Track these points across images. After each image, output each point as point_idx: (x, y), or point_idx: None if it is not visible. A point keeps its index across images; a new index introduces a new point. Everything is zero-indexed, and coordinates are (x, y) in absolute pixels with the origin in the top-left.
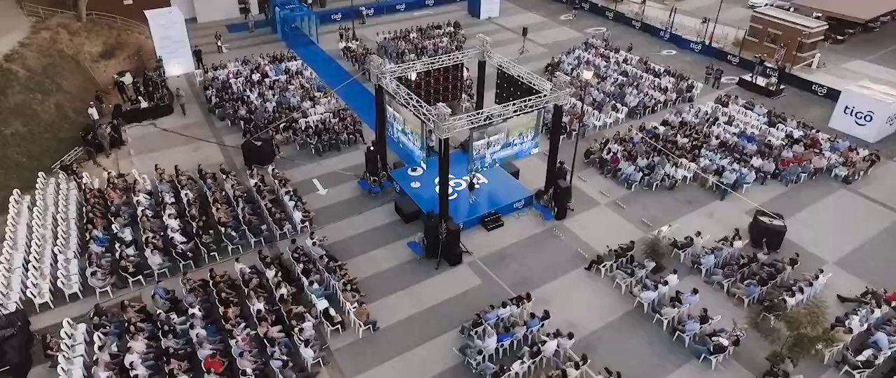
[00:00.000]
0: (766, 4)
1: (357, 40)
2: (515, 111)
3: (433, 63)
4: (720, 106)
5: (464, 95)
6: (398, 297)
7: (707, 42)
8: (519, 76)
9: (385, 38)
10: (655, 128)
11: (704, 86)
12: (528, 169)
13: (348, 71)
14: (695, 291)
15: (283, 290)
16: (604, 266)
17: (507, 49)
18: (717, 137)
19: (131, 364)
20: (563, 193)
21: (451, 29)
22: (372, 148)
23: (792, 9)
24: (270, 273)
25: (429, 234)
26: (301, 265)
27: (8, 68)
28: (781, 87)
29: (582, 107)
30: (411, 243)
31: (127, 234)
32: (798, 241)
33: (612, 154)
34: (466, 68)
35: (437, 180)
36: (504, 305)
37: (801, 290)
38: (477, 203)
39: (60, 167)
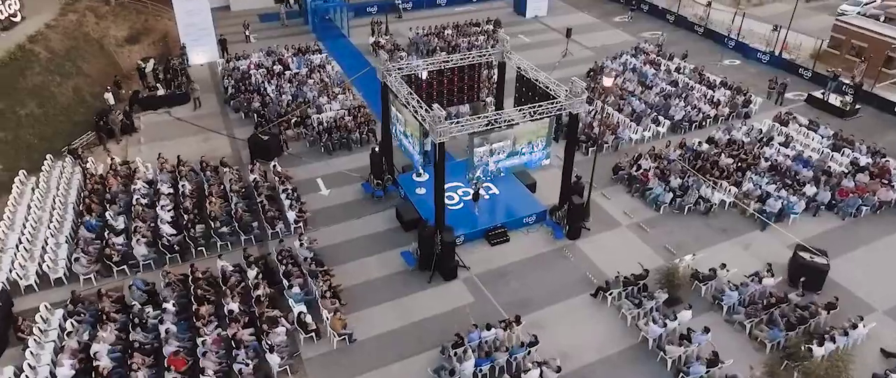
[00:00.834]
0: (858, 13)
1: (389, 35)
2: (523, 117)
3: (447, 62)
4: (778, 124)
5: (490, 98)
6: (384, 308)
7: (776, 52)
8: (536, 80)
9: (417, 34)
10: (699, 144)
11: (765, 101)
12: (546, 182)
13: (374, 67)
14: (706, 330)
15: (261, 292)
16: (610, 294)
17: (551, 51)
18: (768, 159)
19: (95, 354)
20: (576, 210)
21: (490, 27)
22: (377, 149)
23: (884, 18)
24: (252, 273)
25: (423, 244)
26: (284, 267)
27: (30, 49)
28: (857, 106)
29: (602, 109)
30: (405, 253)
31: (120, 223)
32: (845, 283)
33: (642, 171)
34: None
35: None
36: (489, 328)
37: (833, 340)
38: (482, 214)
39: (68, 151)
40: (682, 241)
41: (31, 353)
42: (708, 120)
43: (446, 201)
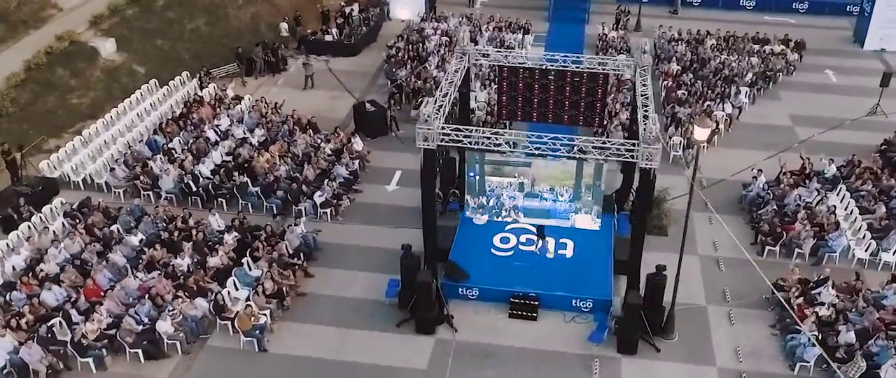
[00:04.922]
0: None
1: (625, 30)
2: (547, 148)
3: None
4: None
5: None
6: (326, 331)
7: None
8: (644, 107)
9: (660, 36)
10: None
11: None
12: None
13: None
14: None
15: (215, 259)
16: None
17: (859, 103)
18: None
19: (46, 256)
20: (631, 314)
21: (781, 47)
22: (454, 155)
23: None
24: (228, 237)
25: (405, 275)
26: (258, 243)
27: None
28: None
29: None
30: (393, 280)
31: (179, 151)
32: None
33: (802, 300)
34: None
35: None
36: None
37: None
38: (516, 271)
39: (201, 73)
40: None
41: (17, 235)
42: None
43: (499, 245)
